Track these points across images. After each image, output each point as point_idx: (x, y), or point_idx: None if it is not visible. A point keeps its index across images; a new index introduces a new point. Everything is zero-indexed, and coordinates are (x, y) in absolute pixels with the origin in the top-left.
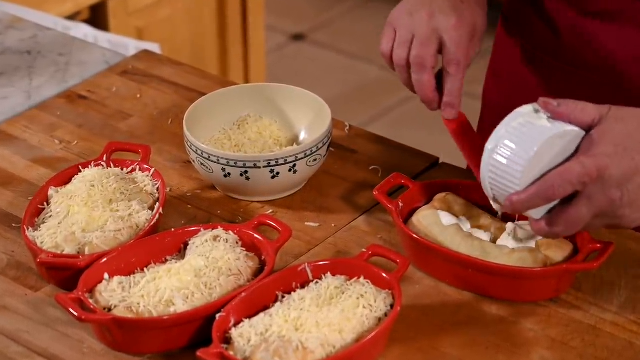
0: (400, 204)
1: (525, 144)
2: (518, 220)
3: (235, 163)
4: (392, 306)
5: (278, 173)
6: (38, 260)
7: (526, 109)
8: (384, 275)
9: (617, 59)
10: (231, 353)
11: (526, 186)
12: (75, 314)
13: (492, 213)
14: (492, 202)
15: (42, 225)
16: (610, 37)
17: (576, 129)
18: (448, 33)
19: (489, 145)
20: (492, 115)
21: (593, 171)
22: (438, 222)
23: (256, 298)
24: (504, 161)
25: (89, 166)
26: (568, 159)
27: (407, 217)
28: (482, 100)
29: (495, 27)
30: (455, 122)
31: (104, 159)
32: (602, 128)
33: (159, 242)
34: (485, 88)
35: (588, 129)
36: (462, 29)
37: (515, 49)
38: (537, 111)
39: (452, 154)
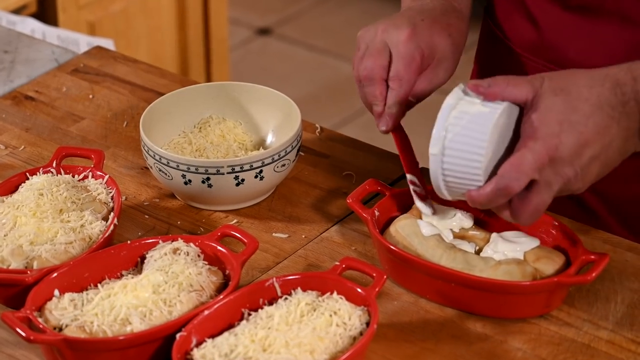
0: (377, 213)
1: (473, 141)
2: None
3: (196, 169)
4: (367, 324)
5: (243, 180)
6: None
7: (454, 98)
8: (359, 290)
9: (597, 56)
10: None
11: (486, 176)
12: (24, 334)
13: (477, 222)
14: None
15: None
16: (590, 32)
17: (513, 105)
18: (396, 47)
19: (433, 150)
20: None
21: (544, 156)
22: (418, 232)
23: (220, 316)
24: (458, 162)
25: (37, 173)
26: (514, 135)
27: (384, 227)
28: None
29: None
30: (396, 135)
31: (54, 165)
32: (543, 106)
33: (114, 255)
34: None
35: (524, 103)
36: (411, 44)
37: (498, 46)
38: (465, 94)
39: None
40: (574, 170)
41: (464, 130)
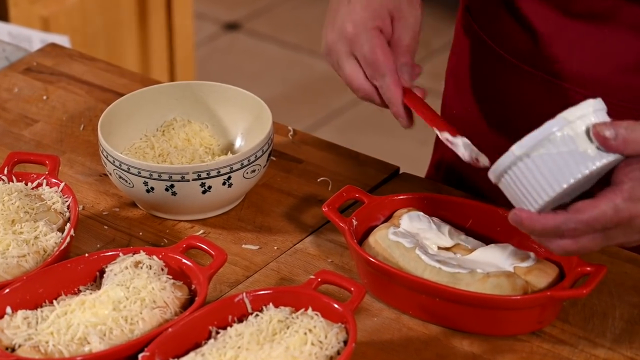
0: (355, 222)
1: (559, 174)
2: None
3: (159, 176)
4: (345, 342)
5: (210, 187)
6: None
7: (574, 116)
8: (336, 306)
9: (604, 69)
10: None
11: (545, 206)
12: None
13: (463, 231)
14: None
15: None
16: (597, 43)
17: (620, 157)
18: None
19: (516, 149)
20: None
21: (624, 218)
22: (399, 243)
23: (185, 334)
24: (529, 179)
25: None
26: (605, 174)
27: (363, 237)
28: (441, 107)
29: (455, 17)
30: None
31: (5, 172)
32: None
33: (71, 269)
34: (445, 93)
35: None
36: (369, 8)
37: (481, 50)
38: (588, 130)
39: (414, 163)
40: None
41: (559, 157)
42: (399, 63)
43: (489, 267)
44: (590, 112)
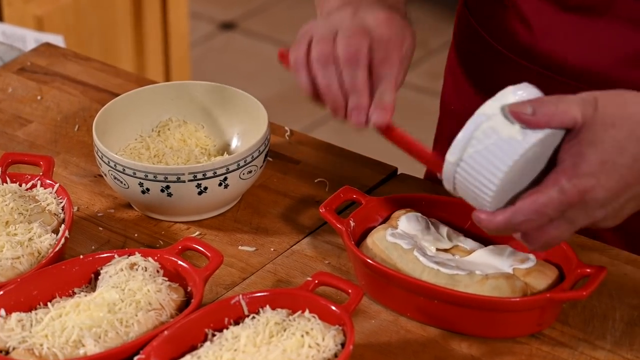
0: (352, 223)
1: (492, 166)
2: None
3: (154, 176)
4: (343, 345)
5: (206, 188)
6: None
7: (491, 108)
8: (333, 308)
9: (601, 62)
10: None
11: (497, 201)
12: None
13: (462, 232)
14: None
15: None
16: (594, 36)
17: (554, 130)
18: (378, 29)
19: (450, 157)
20: (451, 123)
21: (574, 197)
22: (397, 245)
23: (181, 336)
24: (471, 180)
25: None
26: (549, 159)
27: (360, 238)
28: (440, 103)
29: (454, 13)
30: (393, 130)
31: None
32: (588, 139)
33: (65, 271)
34: (444, 90)
35: (571, 127)
36: (393, 26)
37: (479, 45)
38: (505, 115)
39: (412, 164)
40: (605, 212)
41: (487, 151)
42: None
43: (487, 268)
44: (508, 97)
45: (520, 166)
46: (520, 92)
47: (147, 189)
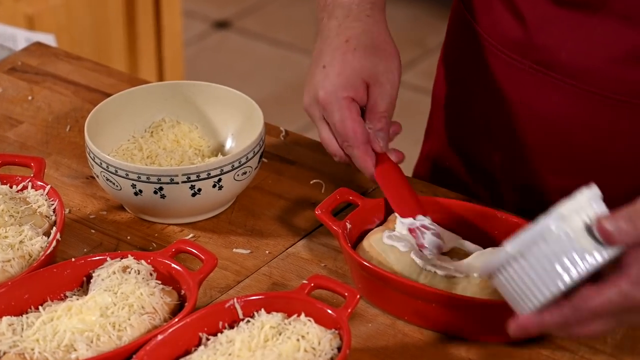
0: (348, 226)
1: (555, 273)
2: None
3: (147, 178)
4: (339, 349)
5: (200, 190)
6: None
7: (568, 210)
8: (330, 311)
9: (594, 59)
10: None
11: (544, 304)
12: None
13: (459, 234)
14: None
15: None
16: (588, 32)
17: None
18: (365, 71)
19: (509, 247)
20: (442, 116)
21: (633, 303)
22: (394, 247)
23: (175, 341)
24: (524, 279)
25: None
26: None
27: (357, 241)
28: (432, 97)
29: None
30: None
31: None
32: None
33: (57, 274)
34: (436, 84)
35: None
36: (376, 60)
37: (472, 39)
38: (587, 228)
39: (409, 165)
40: None
41: (555, 256)
42: (375, 129)
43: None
44: (585, 203)
45: (585, 276)
46: (595, 206)
47: (140, 191)
